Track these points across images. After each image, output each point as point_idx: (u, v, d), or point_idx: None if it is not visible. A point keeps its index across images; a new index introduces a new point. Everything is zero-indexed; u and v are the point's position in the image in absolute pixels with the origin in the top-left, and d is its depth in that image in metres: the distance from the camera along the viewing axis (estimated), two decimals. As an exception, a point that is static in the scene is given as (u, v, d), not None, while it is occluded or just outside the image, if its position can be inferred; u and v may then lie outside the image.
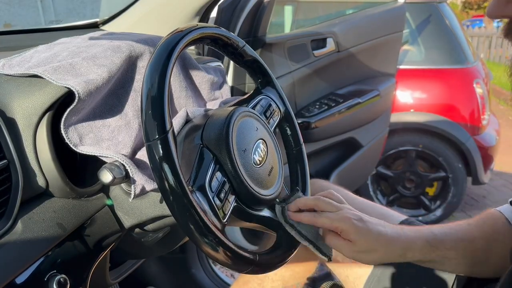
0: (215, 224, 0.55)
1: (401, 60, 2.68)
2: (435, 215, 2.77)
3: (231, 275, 1.73)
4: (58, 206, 0.62)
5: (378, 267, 0.86)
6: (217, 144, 0.62)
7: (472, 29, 9.99)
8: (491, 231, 0.71)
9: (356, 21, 2.05)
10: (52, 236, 0.60)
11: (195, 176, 0.59)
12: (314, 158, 1.80)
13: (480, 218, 0.73)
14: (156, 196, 0.68)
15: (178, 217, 0.53)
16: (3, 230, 0.55)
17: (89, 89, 0.61)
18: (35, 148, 0.60)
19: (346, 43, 1.89)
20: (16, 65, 0.66)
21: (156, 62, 0.55)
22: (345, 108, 1.83)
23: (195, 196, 0.56)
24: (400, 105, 2.69)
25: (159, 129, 0.52)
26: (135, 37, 0.78)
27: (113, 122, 0.67)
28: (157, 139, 0.52)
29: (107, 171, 0.59)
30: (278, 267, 0.66)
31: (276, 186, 0.70)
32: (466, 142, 2.62)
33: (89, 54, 0.68)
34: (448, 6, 2.88)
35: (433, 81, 2.73)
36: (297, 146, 0.83)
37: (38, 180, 0.60)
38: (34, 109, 0.60)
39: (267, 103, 0.79)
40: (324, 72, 1.87)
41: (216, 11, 1.36)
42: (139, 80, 0.74)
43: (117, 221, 0.71)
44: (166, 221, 0.73)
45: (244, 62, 0.76)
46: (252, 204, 0.66)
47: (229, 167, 0.62)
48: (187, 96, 0.83)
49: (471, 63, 2.73)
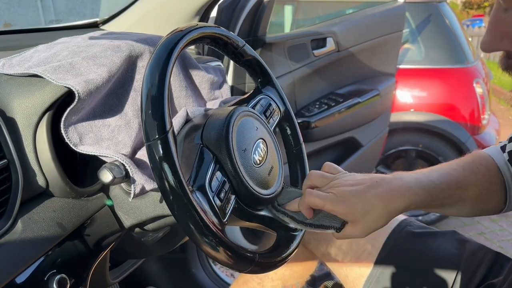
0: (215, 224, 0.55)
1: (401, 60, 2.68)
2: (435, 215, 2.76)
3: (231, 275, 1.73)
4: (58, 205, 0.62)
5: (378, 267, 0.86)
6: (217, 144, 0.62)
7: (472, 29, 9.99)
8: (484, 180, 0.71)
9: (356, 20, 2.05)
10: (52, 236, 0.60)
11: (195, 176, 0.59)
12: (314, 157, 1.80)
13: (473, 163, 0.72)
14: (156, 196, 0.68)
15: (178, 217, 0.53)
16: (3, 230, 0.55)
17: (89, 89, 0.61)
18: (35, 147, 0.60)
19: (346, 42, 1.89)
20: (16, 65, 0.66)
21: (156, 62, 0.55)
22: (345, 107, 1.83)
23: (195, 196, 0.56)
24: (400, 104, 2.68)
25: (159, 129, 0.52)
26: (135, 36, 0.78)
27: (113, 122, 0.67)
28: (157, 139, 0.51)
29: (107, 171, 0.59)
30: (278, 267, 0.66)
31: (276, 185, 0.70)
32: (466, 142, 2.62)
33: (89, 53, 0.68)
34: (448, 6, 2.87)
35: (433, 80, 2.73)
36: (297, 145, 0.83)
37: (38, 179, 0.60)
38: (34, 108, 0.60)
39: (267, 102, 0.79)
40: (324, 72, 1.87)
41: (216, 11, 1.36)
42: (139, 79, 0.74)
43: (117, 221, 0.71)
44: (166, 221, 0.73)
45: (244, 61, 0.76)
46: (252, 204, 0.66)
47: (229, 167, 0.62)
48: (187, 95, 0.83)
49: (471, 63, 2.73)
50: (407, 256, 0.85)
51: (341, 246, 0.89)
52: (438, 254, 0.84)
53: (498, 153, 0.74)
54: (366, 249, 0.87)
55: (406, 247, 0.86)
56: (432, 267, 0.83)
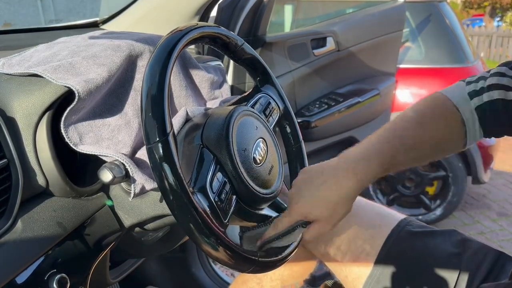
0: (216, 225, 0.55)
1: (401, 59, 2.68)
2: (435, 214, 2.76)
3: (231, 274, 1.74)
4: (58, 205, 0.62)
5: (378, 267, 0.86)
6: (217, 144, 0.62)
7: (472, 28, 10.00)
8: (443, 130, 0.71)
9: (356, 20, 2.05)
10: (52, 235, 0.60)
11: (196, 177, 0.59)
12: (314, 157, 1.80)
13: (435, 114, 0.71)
14: (156, 195, 0.68)
15: (180, 219, 0.53)
16: (3, 229, 0.55)
17: (89, 89, 0.61)
18: (35, 147, 0.60)
19: (346, 42, 1.89)
20: (16, 64, 0.66)
21: (156, 61, 0.55)
22: (345, 107, 1.83)
23: (196, 197, 0.56)
24: (400, 104, 2.68)
25: (160, 132, 0.52)
26: (135, 36, 0.78)
27: (113, 121, 0.67)
28: (158, 142, 0.51)
29: (107, 170, 0.59)
30: (278, 266, 0.66)
31: (276, 185, 0.70)
32: (466, 141, 2.62)
33: (89, 53, 0.68)
34: (448, 5, 2.87)
35: (433, 80, 2.73)
36: (297, 143, 0.83)
37: (38, 179, 0.60)
38: (34, 108, 0.60)
39: (266, 101, 0.79)
40: (324, 71, 1.87)
41: (216, 11, 1.36)
42: (139, 79, 0.74)
43: (117, 220, 0.71)
44: (166, 220, 0.73)
45: (243, 60, 0.76)
46: (252, 204, 0.66)
47: (229, 167, 0.62)
48: (187, 95, 0.83)
49: (471, 62, 2.73)
50: (407, 256, 0.85)
51: (340, 246, 0.89)
52: (438, 253, 0.84)
53: (460, 99, 0.72)
54: (365, 249, 0.87)
55: (406, 247, 0.86)
56: (432, 267, 0.83)
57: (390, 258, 0.85)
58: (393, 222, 0.89)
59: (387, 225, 0.88)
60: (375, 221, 0.89)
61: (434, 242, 0.86)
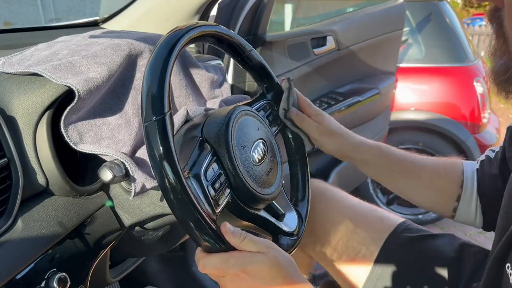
0: (207, 212, 0.55)
1: (401, 58, 2.68)
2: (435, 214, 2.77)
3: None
4: (58, 204, 0.62)
5: (378, 267, 0.85)
6: (216, 138, 0.62)
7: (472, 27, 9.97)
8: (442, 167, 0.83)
9: (356, 19, 2.05)
10: (52, 234, 0.60)
11: (191, 164, 0.59)
12: (314, 156, 1.80)
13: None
14: (156, 195, 0.68)
15: (170, 198, 0.51)
16: (3, 228, 0.55)
17: (89, 88, 0.61)
18: (35, 146, 0.60)
19: (346, 41, 1.88)
20: (16, 64, 0.66)
21: (156, 61, 0.55)
22: (345, 106, 1.83)
23: (190, 182, 0.56)
24: (400, 103, 2.68)
25: (157, 110, 0.51)
26: (135, 35, 0.78)
27: (113, 121, 0.67)
28: (154, 120, 0.51)
29: (107, 170, 0.59)
30: None
31: (274, 187, 0.70)
32: (466, 141, 2.62)
33: (89, 52, 0.68)
34: (448, 4, 2.87)
35: (434, 79, 2.73)
36: (298, 153, 0.84)
37: (38, 178, 0.60)
38: (34, 107, 0.60)
39: (271, 108, 0.79)
40: (324, 71, 1.86)
41: (216, 9, 1.36)
42: (139, 78, 0.74)
43: (117, 220, 0.71)
44: (166, 219, 0.73)
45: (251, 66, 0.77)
46: (247, 201, 0.65)
47: (226, 161, 0.62)
48: (187, 94, 0.83)
49: (472, 61, 2.73)
50: (405, 260, 0.85)
51: (336, 247, 0.89)
52: (436, 257, 0.84)
53: (470, 165, 0.81)
54: (361, 251, 0.87)
55: (404, 250, 0.86)
56: (431, 270, 0.83)
57: (389, 261, 0.85)
58: (391, 225, 0.89)
59: (385, 228, 0.88)
60: (372, 224, 0.89)
61: (433, 246, 0.85)
